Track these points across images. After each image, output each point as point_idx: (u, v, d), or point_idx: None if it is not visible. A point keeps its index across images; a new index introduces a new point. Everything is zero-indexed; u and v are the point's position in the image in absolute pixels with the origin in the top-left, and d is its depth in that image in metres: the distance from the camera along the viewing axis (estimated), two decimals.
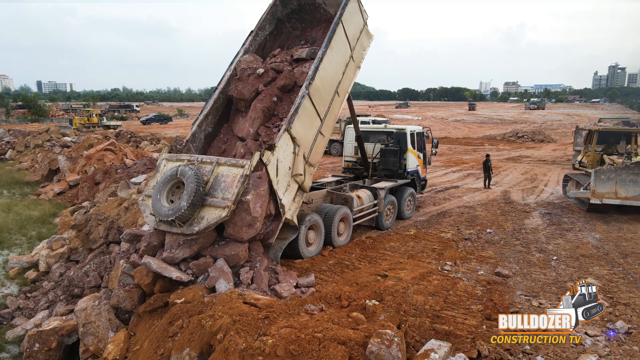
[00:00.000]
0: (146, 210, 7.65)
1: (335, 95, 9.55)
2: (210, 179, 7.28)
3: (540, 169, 23.58)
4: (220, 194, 7.11)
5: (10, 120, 58.71)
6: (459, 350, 5.53)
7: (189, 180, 7.03)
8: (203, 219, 6.97)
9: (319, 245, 9.51)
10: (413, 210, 13.48)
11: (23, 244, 11.79)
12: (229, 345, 5.00)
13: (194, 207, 6.91)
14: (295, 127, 8.16)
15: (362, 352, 5.01)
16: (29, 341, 6.67)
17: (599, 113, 79.24)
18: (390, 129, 13.91)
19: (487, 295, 7.39)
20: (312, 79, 8.51)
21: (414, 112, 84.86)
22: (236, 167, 7.27)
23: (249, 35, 10.23)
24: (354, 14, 9.97)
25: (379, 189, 11.64)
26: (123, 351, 6.15)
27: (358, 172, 13.93)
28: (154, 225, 7.44)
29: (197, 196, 6.91)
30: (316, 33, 10.87)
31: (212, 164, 7.46)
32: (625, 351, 5.83)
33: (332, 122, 9.69)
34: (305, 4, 10.81)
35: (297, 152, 8.32)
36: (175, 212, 6.87)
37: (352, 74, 10.30)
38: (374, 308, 6.25)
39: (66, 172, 18.68)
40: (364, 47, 10.80)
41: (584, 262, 9.27)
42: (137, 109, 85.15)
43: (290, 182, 8.24)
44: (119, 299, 6.86)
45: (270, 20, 10.66)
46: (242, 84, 9.33)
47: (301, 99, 8.28)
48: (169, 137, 29.65)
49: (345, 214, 10.21)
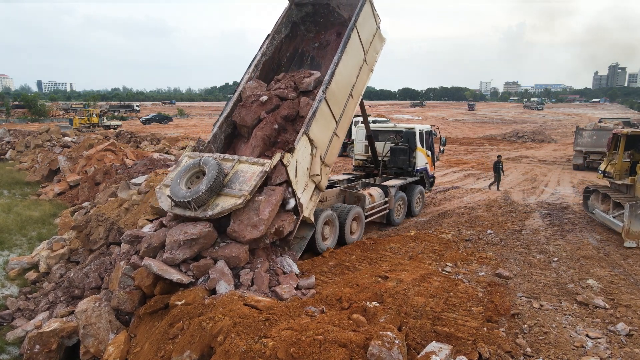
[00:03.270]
0: (162, 197, 7.98)
1: (349, 98, 9.90)
2: (230, 173, 7.70)
3: (541, 169, 23.56)
4: (237, 185, 7.50)
5: (10, 120, 58.70)
6: (460, 353, 5.52)
7: (211, 168, 7.44)
8: (217, 205, 7.30)
9: (334, 240, 9.93)
10: (422, 206, 13.98)
11: (23, 245, 11.79)
12: (230, 347, 4.99)
13: (211, 192, 7.27)
14: (313, 129, 8.56)
15: (363, 354, 5.00)
16: (30, 343, 6.66)
17: (599, 113, 79.25)
18: (400, 128, 14.34)
19: (487, 297, 7.38)
20: (328, 83, 8.86)
21: (413, 112, 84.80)
22: (256, 165, 7.71)
23: (265, 39, 10.51)
24: (368, 18, 10.24)
25: (390, 187, 12.05)
26: (123, 353, 6.13)
27: (368, 170, 14.31)
28: (168, 209, 7.71)
29: (216, 182, 7.29)
30: (330, 36, 11.18)
31: (233, 161, 7.92)
32: (627, 353, 5.82)
33: (347, 124, 10.02)
34: (320, 7, 11.09)
35: (315, 153, 8.74)
36: (192, 194, 7.22)
37: (366, 77, 10.66)
38: (374, 310, 6.24)
39: (66, 172, 18.68)
40: (377, 50, 11.09)
41: (585, 263, 9.26)
42: (137, 109, 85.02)
43: (308, 182, 8.65)
44: (120, 300, 6.85)
45: (286, 24, 10.93)
46: (245, 110, 9.41)
47: (318, 103, 8.65)
48: (169, 137, 29.62)
49: (357, 214, 10.57)
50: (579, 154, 23.56)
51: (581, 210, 14.02)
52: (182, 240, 7.10)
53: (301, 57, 11.56)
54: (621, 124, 25.40)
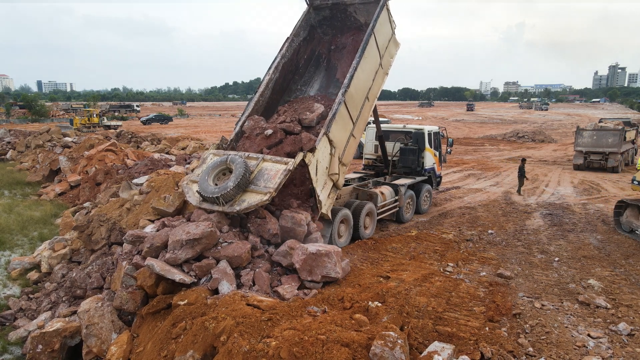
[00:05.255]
0: (189, 192, 8.49)
1: (365, 101, 10.30)
2: (255, 171, 8.14)
3: (541, 169, 23.57)
4: (262, 183, 7.95)
5: (10, 121, 58.69)
6: (462, 352, 5.54)
7: (238, 166, 7.93)
8: (244, 201, 7.78)
9: (348, 238, 10.40)
10: (429, 204, 14.40)
11: (25, 245, 11.80)
12: (233, 347, 5.01)
13: (238, 189, 7.75)
14: (333, 131, 8.98)
15: (366, 354, 5.01)
16: (32, 343, 6.67)
17: (600, 113, 79.26)
18: (409, 128, 14.74)
19: (489, 297, 7.39)
20: (347, 86, 9.25)
21: (414, 112, 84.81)
22: (280, 164, 8.14)
23: (285, 42, 10.88)
24: (384, 24, 10.60)
25: (400, 186, 12.53)
26: (126, 353, 6.14)
27: (378, 169, 14.65)
28: (196, 204, 8.19)
29: (243, 180, 7.77)
30: (346, 39, 11.63)
31: (257, 160, 8.36)
32: (628, 353, 5.84)
33: (363, 125, 10.50)
34: (337, 11, 11.47)
35: (333, 153, 9.16)
36: (221, 190, 7.71)
37: (381, 80, 11.06)
38: (376, 310, 6.26)
39: (67, 172, 18.68)
40: (392, 54, 11.44)
41: (586, 263, 9.27)
42: (137, 109, 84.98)
43: (327, 181, 9.12)
44: (122, 300, 6.86)
45: (304, 27, 11.32)
46: (249, 142, 9.55)
47: (338, 105, 9.06)
48: (169, 137, 29.61)
49: (370, 209, 11.05)
50: (580, 154, 23.55)
51: (581, 210, 14.01)
52: (185, 240, 7.11)
53: (318, 59, 11.92)
54: (621, 124, 25.30)
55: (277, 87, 10.86)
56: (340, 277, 7.58)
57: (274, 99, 10.90)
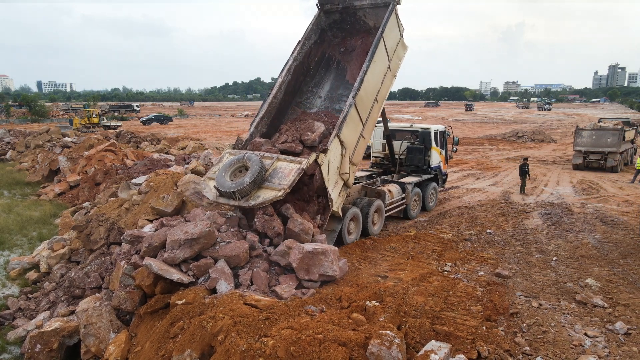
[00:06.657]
0: (206, 188, 8.88)
1: (374, 103, 10.58)
2: (269, 169, 8.51)
3: (541, 169, 23.59)
4: (277, 180, 8.31)
5: (10, 121, 58.70)
6: (459, 352, 5.55)
7: (254, 163, 8.32)
8: (259, 197, 8.14)
9: (357, 235, 10.66)
10: (435, 202, 14.64)
11: (24, 245, 11.82)
12: (230, 346, 5.03)
13: (254, 185, 8.12)
14: (344, 132, 9.31)
15: (363, 353, 5.03)
16: (31, 342, 6.69)
17: (599, 113, 79.28)
18: (416, 128, 15.09)
19: (487, 296, 7.41)
20: (357, 90, 9.56)
21: (414, 112, 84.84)
22: (294, 163, 8.49)
23: (297, 45, 11.14)
24: (393, 28, 10.83)
25: (407, 184, 12.87)
26: (124, 352, 6.17)
27: (385, 167, 14.93)
28: (213, 199, 8.61)
29: (259, 176, 8.16)
30: (355, 42, 11.91)
31: (272, 159, 8.71)
32: (625, 352, 5.85)
33: (372, 126, 10.82)
34: (347, 15, 11.76)
35: (344, 153, 9.49)
36: (238, 185, 8.11)
37: (389, 82, 11.28)
38: (374, 309, 6.28)
39: (66, 172, 18.71)
40: (400, 57, 11.67)
41: (584, 262, 9.29)
42: (137, 109, 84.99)
43: (338, 180, 9.48)
44: (120, 300, 6.88)
45: (315, 30, 11.59)
46: None
47: (349, 108, 9.39)
48: (169, 138, 29.62)
49: (379, 206, 11.34)
50: (579, 154, 23.58)
51: (580, 210, 14.03)
52: (183, 240, 7.13)
53: (328, 61, 12.16)
54: (620, 123, 25.31)
55: (289, 88, 11.14)
56: (338, 276, 7.61)
57: (286, 100, 11.21)
